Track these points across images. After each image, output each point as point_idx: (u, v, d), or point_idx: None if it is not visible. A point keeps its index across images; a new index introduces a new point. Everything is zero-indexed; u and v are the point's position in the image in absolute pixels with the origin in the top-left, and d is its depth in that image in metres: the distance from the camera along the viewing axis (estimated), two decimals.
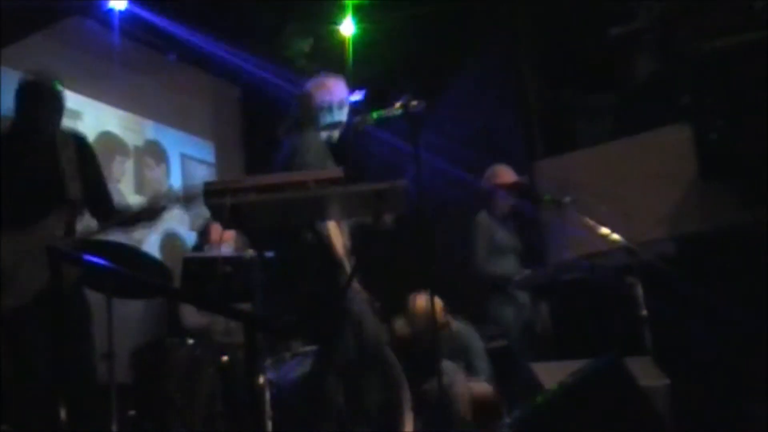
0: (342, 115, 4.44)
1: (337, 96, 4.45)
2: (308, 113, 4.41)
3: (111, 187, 4.54)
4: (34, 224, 3.97)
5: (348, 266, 4.07)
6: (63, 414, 3.23)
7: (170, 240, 6.72)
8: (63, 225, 4.06)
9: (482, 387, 5.39)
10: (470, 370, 5.52)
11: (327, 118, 4.41)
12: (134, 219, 4.25)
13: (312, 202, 3.45)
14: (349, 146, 4.51)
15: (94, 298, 3.98)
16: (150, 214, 4.26)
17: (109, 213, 4.25)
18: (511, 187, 5.86)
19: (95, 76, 6.26)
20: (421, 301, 5.45)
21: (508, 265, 5.76)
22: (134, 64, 6.59)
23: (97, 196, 4.26)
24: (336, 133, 4.46)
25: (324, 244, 4.05)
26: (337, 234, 4.09)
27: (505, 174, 5.87)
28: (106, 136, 6.35)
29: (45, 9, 5.68)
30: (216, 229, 5.75)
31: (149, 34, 6.68)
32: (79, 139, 4.31)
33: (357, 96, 4.50)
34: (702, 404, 5.05)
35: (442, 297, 5.37)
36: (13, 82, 4.19)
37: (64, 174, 4.11)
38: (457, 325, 5.66)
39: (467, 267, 5.80)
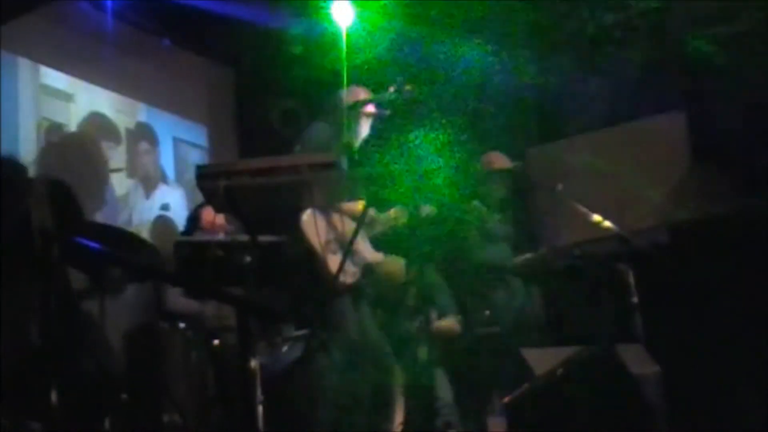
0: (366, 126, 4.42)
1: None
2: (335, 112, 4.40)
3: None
4: None
5: (330, 257, 4.05)
6: (54, 398, 3.21)
7: (162, 223, 6.69)
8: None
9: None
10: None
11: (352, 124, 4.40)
12: None
13: (304, 186, 3.44)
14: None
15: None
16: None
17: None
18: (505, 174, 5.86)
19: (88, 58, 6.21)
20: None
21: (500, 252, 5.77)
22: (127, 46, 6.54)
23: None
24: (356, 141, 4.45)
25: (299, 237, 4.06)
26: (312, 226, 4.07)
27: (500, 160, 5.87)
28: (98, 118, 6.30)
29: None
30: (208, 213, 5.73)
31: (142, 17, 6.63)
32: None
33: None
34: (693, 392, 5.07)
35: None
36: (6, 64, 4.17)
37: None
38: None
39: (461, 254, 5.81)
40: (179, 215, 6.66)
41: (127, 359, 4.67)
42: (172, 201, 6.77)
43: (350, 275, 4.02)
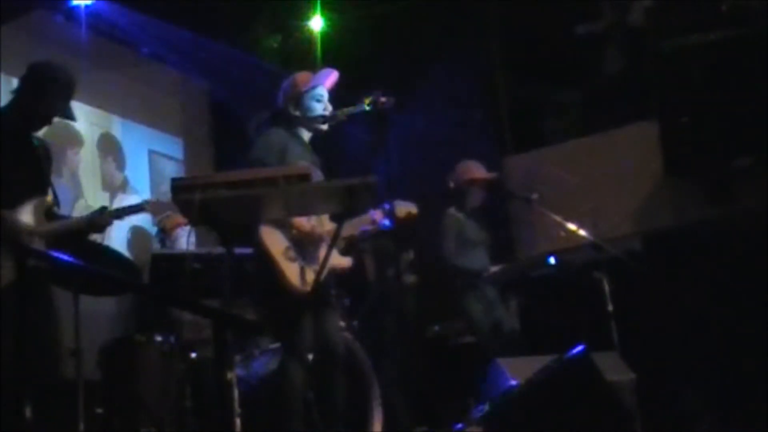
0: (328, 106, 4.39)
1: (327, 84, 4.41)
2: (294, 101, 4.37)
3: (65, 180, 4.50)
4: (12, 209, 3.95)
5: (290, 268, 4.05)
6: (28, 413, 3.20)
7: (139, 235, 6.67)
8: (40, 216, 4.04)
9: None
10: None
11: (316, 108, 4.37)
12: (78, 229, 4.20)
13: (281, 198, 3.44)
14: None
15: (62, 294, 3.95)
16: (93, 226, 4.21)
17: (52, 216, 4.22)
18: (482, 183, 5.89)
19: None
20: None
21: (477, 260, 5.80)
22: (101, 59, 6.54)
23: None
24: (325, 126, 4.42)
25: (260, 249, 4.07)
26: (272, 238, 4.09)
27: (476, 170, 5.90)
28: (61, 128, 6.27)
29: (10, 1, 5.63)
30: (171, 222, 5.73)
31: (116, 29, 6.63)
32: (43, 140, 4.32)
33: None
34: (668, 399, 5.11)
35: None
36: None
37: (47, 164, 4.13)
38: None
39: (437, 262, 5.83)
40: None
41: (103, 372, 4.65)
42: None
43: (309, 283, 4.02)
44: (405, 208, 4.52)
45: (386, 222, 4.37)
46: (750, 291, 5.25)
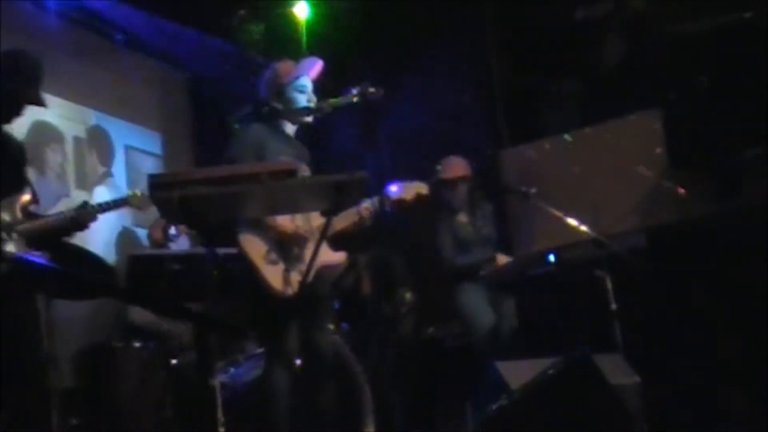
0: (312, 97, 4.38)
1: (311, 74, 4.40)
2: (276, 93, 4.37)
3: (48, 179, 4.49)
4: None
5: (271, 272, 4.05)
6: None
7: (127, 238, 6.65)
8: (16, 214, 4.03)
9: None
10: None
11: (299, 99, 4.37)
12: (59, 227, 4.19)
13: (266, 195, 3.44)
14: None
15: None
16: (75, 223, 4.20)
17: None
18: (455, 182, 5.85)
19: None
20: None
21: (472, 258, 5.80)
22: (74, 49, 6.50)
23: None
24: (309, 119, 4.41)
25: (242, 254, 4.06)
26: (251, 242, 4.08)
27: (452, 168, 5.86)
28: (41, 126, 6.25)
29: None
30: (157, 230, 5.71)
31: (90, 17, 6.60)
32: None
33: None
34: (675, 403, 5.12)
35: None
36: None
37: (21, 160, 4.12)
38: None
39: (435, 262, 5.84)
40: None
41: (80, 379, 4.65)
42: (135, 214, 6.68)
43: (293, 286, 4.02)
44: (413, 188, 4.48)
45: (387, 209, 4.35)
46: (761, 289, 5.25)
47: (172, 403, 4.63)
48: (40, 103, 4.28)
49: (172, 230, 5.50)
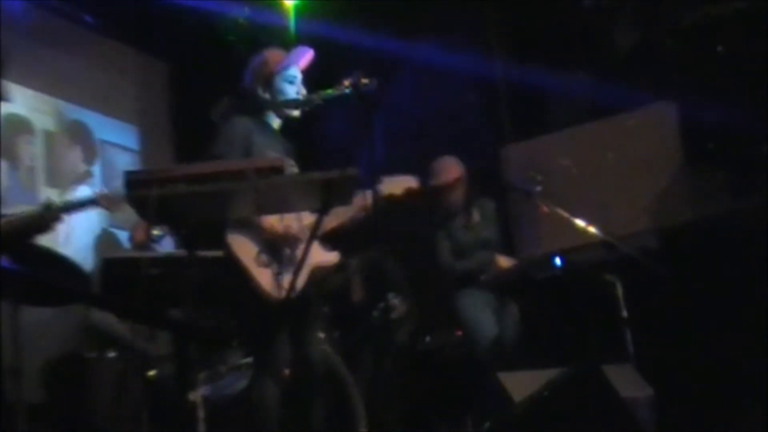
0: (301, 89, 4.36)
1: (301, 64, 4.38)
2: (263, 83, 4.34)
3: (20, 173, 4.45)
4: None
5: (262, 275, 4.03)
6: None
7: (106, 239, 6.63)
8: None
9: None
10: None
11: (288, 91, 4.34)
12: (20, 229, 4.14)
13: (251, 194, 3.41)
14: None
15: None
16: (39, 224, 4.15)
17: None
18: (450, 187, 5.84)
19: None
20: None
21: (472, 263, 5.80)
22: (43, 36, 6.47)
23: None
24: (296, 112, 4.39)
25: (230, 256, 4.03)
26: (240, 243, 4.05)
27: (444, 171, 5.83)
28: (14, 119, 6.21)
29: None
30: (139, 231, 5.68)
31: (62, 2, 6.56)
32: None
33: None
34: (689, 417, 5.11)
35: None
36: None
37: None
38: None
39: (432, 267, 5.83)
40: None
41: (49, 391, 4.62)
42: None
43: (284, 289, 3.99)
44: (402, 182, 4.44)
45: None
46: None
47: (149, 418, 4.61)
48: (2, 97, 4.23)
49: (157, 231, 5.48)
